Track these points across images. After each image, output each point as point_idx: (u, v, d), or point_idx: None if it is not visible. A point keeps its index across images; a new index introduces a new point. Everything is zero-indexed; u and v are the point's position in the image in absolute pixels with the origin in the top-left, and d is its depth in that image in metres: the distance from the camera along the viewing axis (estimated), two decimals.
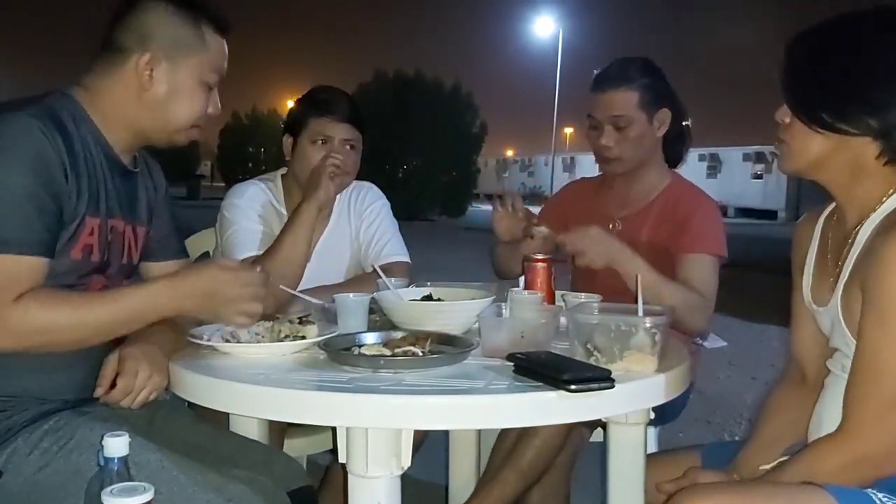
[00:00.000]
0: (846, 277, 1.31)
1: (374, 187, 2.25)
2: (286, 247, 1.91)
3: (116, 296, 1.34)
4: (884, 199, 1.29)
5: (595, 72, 2.14)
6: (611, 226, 2.13)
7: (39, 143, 1.28)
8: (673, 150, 2.18)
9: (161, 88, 1.42)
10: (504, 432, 1.82)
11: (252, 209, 2.06)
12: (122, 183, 1.47)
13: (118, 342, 1.41)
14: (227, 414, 1.50)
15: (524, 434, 1.75)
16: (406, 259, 2.15)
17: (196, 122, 1.49)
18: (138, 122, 1.44)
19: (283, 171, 2.19)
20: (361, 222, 2.19)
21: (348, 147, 2.07)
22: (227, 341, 1.42)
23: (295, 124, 2.09)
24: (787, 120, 1.33)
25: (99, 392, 1.32)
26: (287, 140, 2.11)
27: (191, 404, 1.50)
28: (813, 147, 1.30)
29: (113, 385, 1.32)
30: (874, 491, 1.18)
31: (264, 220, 2.06)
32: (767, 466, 1.42)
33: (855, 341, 1.27)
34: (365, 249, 2.16)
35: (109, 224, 1.42)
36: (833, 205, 1.41)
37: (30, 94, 1.41)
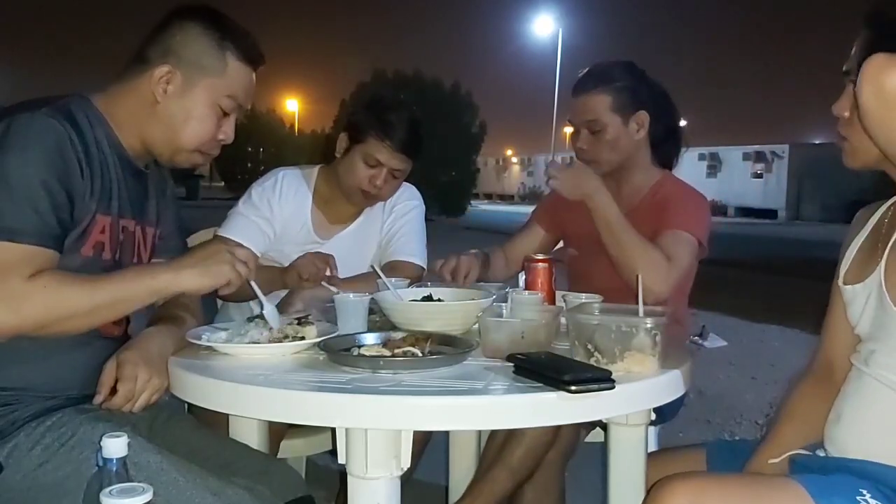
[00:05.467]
0: (890, 246, 1.26)
1: (413, 188, 2.25)
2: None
3: (119, 273, 1.37)
4: None
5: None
6: None
7: (57, 140, 1.32)
8: (663, 152, 2.16)
9: (173, 103, 1.45)
10: (495, 431, 1.82)
11: (261, 204, 2.07)
12: (133, 184, 1.49)
13: (120, 343, 1.41)
14: (227, 420, 1.50)
15: (513, 432, 1.75)
16: (420, 263, 2.14)
17: (201, 146, 1.50)
18: (147, 133, 1.47)
19: (322, 165, 2.19)
20: (390, 216, 2.19)
21: (393, 175, 2.07)
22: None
23: (355, 131, 2.05)
24: (847, 114, 1.25)
25: (98, 399, 1.32)
26: (342, 138, 2.08)
27: (191, 409, 1.50)
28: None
29: (113, 391, 1.32)
30: (864, 494, 1.14)
31: (266, 216, 2.07)
32: (776, 461, 1.38)
33: None
34: (385, 243, 2.16)
35: (121, 224, 1.45)
36: None
37: (29, 94, 1.42)
